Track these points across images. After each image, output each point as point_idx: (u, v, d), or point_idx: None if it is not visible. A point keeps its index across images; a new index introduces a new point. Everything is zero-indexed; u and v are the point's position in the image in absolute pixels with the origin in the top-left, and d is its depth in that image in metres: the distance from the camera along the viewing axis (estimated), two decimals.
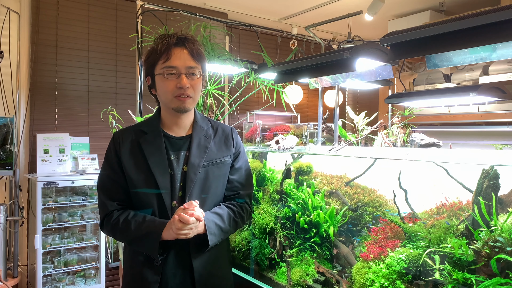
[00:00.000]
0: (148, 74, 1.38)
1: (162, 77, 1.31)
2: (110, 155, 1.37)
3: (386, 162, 1.53)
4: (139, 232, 1.28)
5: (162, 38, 1.34)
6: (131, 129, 1.41)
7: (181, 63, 1.31)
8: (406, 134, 2.15)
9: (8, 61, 3.25)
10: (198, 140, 1.40)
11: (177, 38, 1.33)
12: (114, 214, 1.33)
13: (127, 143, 1.37)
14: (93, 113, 3.58)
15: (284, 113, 4.56)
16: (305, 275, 1.74)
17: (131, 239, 1.31)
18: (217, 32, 3.52)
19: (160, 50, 1.31)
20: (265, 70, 2.34)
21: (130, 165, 1.34)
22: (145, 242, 1.28)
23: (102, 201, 1.36)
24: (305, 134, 2.23)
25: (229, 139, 1.48)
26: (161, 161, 1.33)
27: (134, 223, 1.30)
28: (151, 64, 1.34)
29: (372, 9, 3.51)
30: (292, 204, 1.86)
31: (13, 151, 3.07)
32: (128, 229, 1.29)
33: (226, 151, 1.45)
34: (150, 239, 1.26)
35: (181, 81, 1.30)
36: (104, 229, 1.37)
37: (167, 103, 1.35)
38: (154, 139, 1.36)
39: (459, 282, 1.20)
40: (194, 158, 1.36)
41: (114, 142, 1.38)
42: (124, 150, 1.36)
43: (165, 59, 1.30)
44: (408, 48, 1.40)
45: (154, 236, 1.25)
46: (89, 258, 3.25)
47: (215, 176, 1.40)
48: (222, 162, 1.43)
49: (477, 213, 1.19)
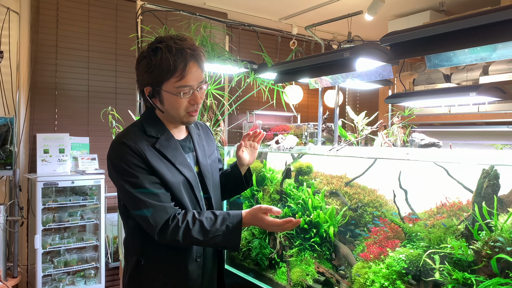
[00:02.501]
0: (149, 85, 1.28)
1: (175, 96, 1.25)
2: (137, 164, 1.24)
3: (386, 162, 1.53)
4: (227, 229, 1.26)
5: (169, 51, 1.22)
6: (138, 135, 1.29)
7: (196, 80, 1.26)
8: (406, 134, 2.15)
9: (8, 61, 3.25)
10: (197, 140, 1.45)
11: (191, 54, 1.24)
12: (180, 216, 1.25)
13: (147, 150, 1.26)
14: (93, 113, 3.58)
15: (284, 113, 4.56)
16: (305, 275, 1.74)
17: (212, 238, 1.26)
18: (217, 32, 3.52)
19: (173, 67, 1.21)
20: (265, 70, 2.34)
21: (163, 169, 1.27)
22: (233, 236, 1.26)
23: (158, 206, 1.23)
24: (305, 134, 2.23)
25: (210, 134, 1.57)
26: (185, 161, 1.35)
27: (211, 221, 1.26)
28: (158, 80, 1.24)
29: (372, 9, 3.51)
30: (292, 204, 1.86)
31: (13, 151, 3.07)
32: (212, 225, 1.26)
33: (212, 145, 1.55)
34: (236, 232, 1.26)
35: (196, 98, 1.27)
36: (170, 234, 1.23)
37: (177, 118, 1.32)
38: (169, 143, 1.33)
39: (459, 282, 1.20)
40: (201, 158, 1.42)
41: (134, 152, 1.24)
42: (150, 156, 1.26)
43: (180, 77, 1.22)
44: (408, 48, 1.40)
45: (237, 230, 1.26)
46: (89, 258, 3.25)
47: (215, 170, 1.49)
48: (215, 156, 1.53)
49: (477, 213, 1.19)
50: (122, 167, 1.23)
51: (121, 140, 1.26)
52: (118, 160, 1.25)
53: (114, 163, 1.26)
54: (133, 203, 1.25)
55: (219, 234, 1.25)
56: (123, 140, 1.25)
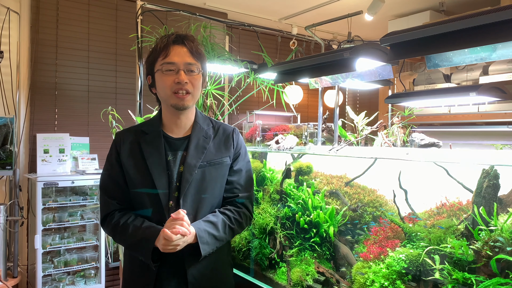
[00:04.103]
0: (148, 73, 1.40)
1: (161, 73, 1.33)
2: (111, 155, 1.40)
3: (386, 162, 1.53)
4: (135, 238, 1.30)
5: (162, 37, 1.38)
6: (132, 130, 1.44)
7: (180, 59, 1.33)
8: (406, 134, 2.15)
9: (8, 61, 3.25)
10: (197, 141, 1.39)
11: (176, 36, 1.36)
12: (116, 216, 1.36)
13: (127, 144, 1.39)
14: (93, 113, 3.58)
15: (284, 113, 4.56)
16: (305, 275, 1.74)
17: (128, 244, 1.36)
18: (217, 32, 3.52)
19: (159, 47, 1.34)
20: (265, 70, 2.34)
21: (130, 165, 1.36)
22: (139, 248, 1.30)
23: (103, 200, 1.39)
24: (305, 134, 2.23)
25: (230, 140, 1.46)
26: (159, 162, 1.34)
27: (132, 227, 1.31)
28: (151, 62, 1.37)
29: (372, 9, 3.51)
30: (292, 204, 1.86)
31: (13, 151, 3.07)
32: (126, 233, 1.31)
33: (225, 152, 1.43)
34: (144, 246, 1.28)
35: (179, 76, 1.31)
36: (105, 228, 1.40)
37: (166, 100, 1.36)
38: (153, 140, 1.38)
39: (459, 282, 1.20)
40: (191, 158, 1.36)
41: (115, 143, 1.41)
42: (124, 150, 1.38)
43: (164, 55, 1.33)
44: (408, 48, 1.40)
45: (147, 244, 1.27)
46: (89, 258, 3.25)
47: (212, 177, 1.38)
48: (221, 163, 1.41)
49: (477, 213, 1.19)
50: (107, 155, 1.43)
51: (118, 131, 1.46)
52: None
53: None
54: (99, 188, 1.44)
55: (134, 243, 1.31)
56: (118, 131, 1.44)
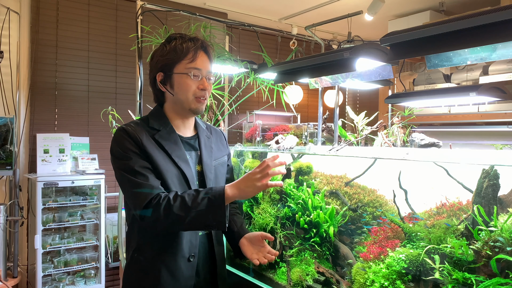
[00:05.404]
0: (161, 71, 1.34)
1: (186, 77, 1.32)
2: (128, 147, 1.27)
3: (386, 162, 1.53)
4: (202, 201, 1.20)
5: (182, 39, 1.34)
6: (140, 125, 1.34)
7: (204, 66, 1.35)
8: (406, 134, 2.15)
9: (8, 61, 3.25)
10: (204, 140, 1.45)
11: (202, 42, 1.36)
12: (162, 195, 1.23)
13: (145, 138, 1.30)
14: (93, 113, 3.58)
15: (284, 113, 4.56)
16: (305, 275, 1.74)
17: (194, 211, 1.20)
18: (217, 32, 3.52)
19: (185, 50, 1.31)
20: (265, 70, 2.34)
21: (158, 158, 1.29)
22: (210, 208, 1.19)
23: (144, 185, 1.23)
24: (305, 134, 2.23)
25: (223, 139, 1.59)
26: (184, 155, 1.35)
27: (193, 194, 1.22)
28: (171, 62, 1.32)
29: (372, 9, 3.51)
30: (292, 204, 1.86)
31: (13, 151, 3.07)
32: (186, 202, 1.20)
33: (224, 150, 1.55)
34: (215, 205, 1.19)
35: (204, 83, 1.34)
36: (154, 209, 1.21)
37: (186, 103, 1.34)
38: (169, 136, 1.35)
39: (459, 282, 1.20)
40: (206, 158, 1.41)
41: (131, 137, 1.28)
42: (147, 144, 1.29)
43: (191, 59, 1.32)
44: (408, 48, 1.40)
45: (218, 201, 1.19)
46: (89, 258, 3.26)
47: (222, 175, 1.49)
48: (224, 161, 1.52)
49: (477, 213, 1.19)
50: (117, 150, 1.28)
51: (122, 127, 1.32)
52: (115, 144, 1.29)
53: (112, 147, 1.31)
54: (122, 183, 1.27)
55: (201, 209, 1.19)
56: (123, 127, 1.31)
